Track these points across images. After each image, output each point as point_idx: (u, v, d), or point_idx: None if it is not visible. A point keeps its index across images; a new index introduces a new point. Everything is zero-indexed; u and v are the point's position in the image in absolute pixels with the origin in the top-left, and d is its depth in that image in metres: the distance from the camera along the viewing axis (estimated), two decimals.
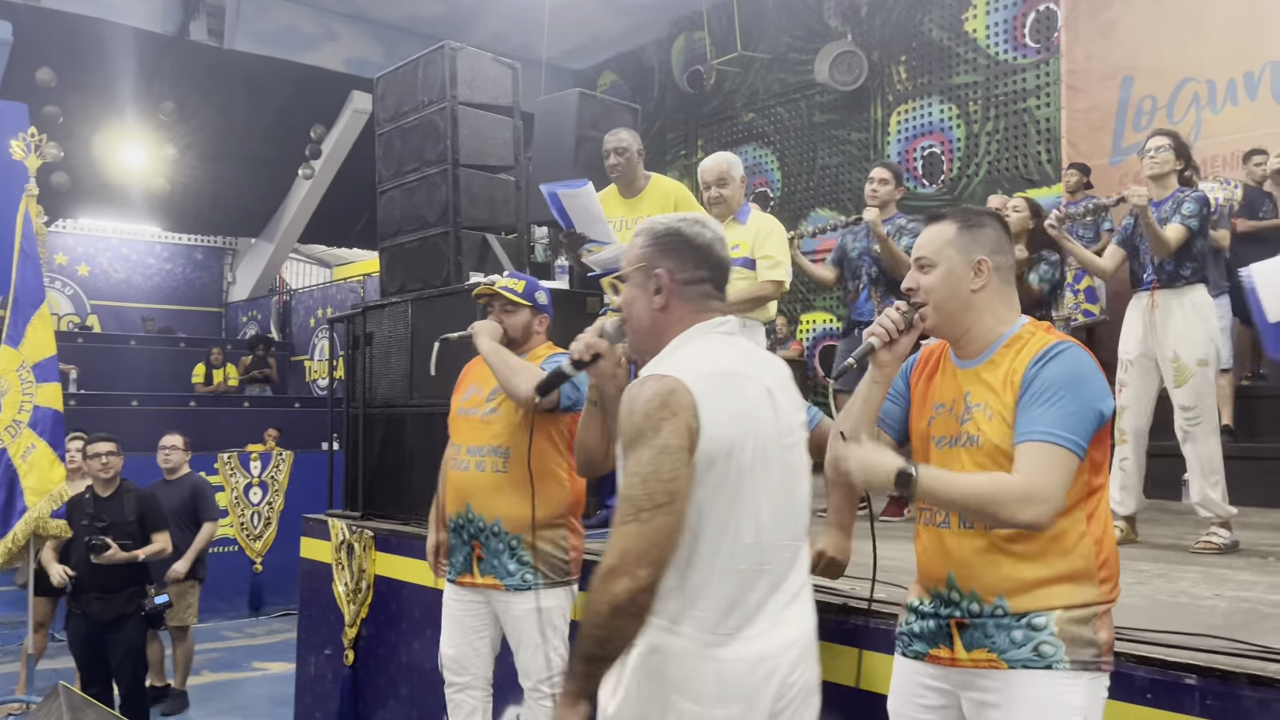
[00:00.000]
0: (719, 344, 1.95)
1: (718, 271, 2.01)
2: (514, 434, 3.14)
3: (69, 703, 3.39)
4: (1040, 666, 1.88)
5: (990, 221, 2.08)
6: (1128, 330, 4.27)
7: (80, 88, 11.28)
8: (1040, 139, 8.45)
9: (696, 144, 11.37)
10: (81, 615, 5.26)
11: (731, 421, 1.83)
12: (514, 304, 3.26)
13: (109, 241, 16.34)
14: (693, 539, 1.82)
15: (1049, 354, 1.92)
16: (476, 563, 3.18)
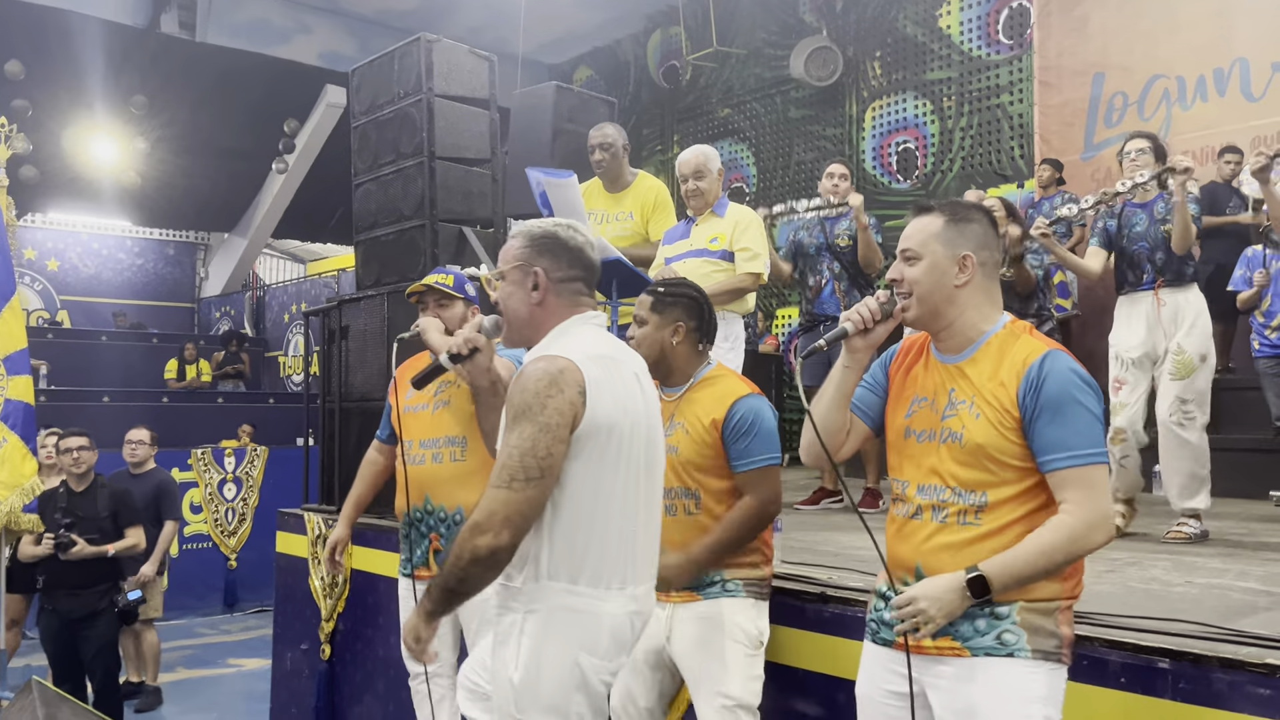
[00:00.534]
0: (594, 333, 2.15)
1: (588, 272, 2.21)
2: (469, 422, 3.12)
3: (43, 698, 3.36)
4: (1003, 654, 1.91)
5: (978, 216, 2.09)
6: (1128, 330, 4.26)
7: (49, 80, 11.14)
8: (1013, 134, 8.52)
9: (673, 139, 11.39)
10: (53, 611, 5.22)
11: (613, 400, 2.04)
12: (448, 298, 3.28)
13: (79, 236, 16.14)
14: (581, 506, 2.02)
15: (1040, 367, 1.93)
16: (434, 555, 3.17)
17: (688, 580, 2.62)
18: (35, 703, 3.29)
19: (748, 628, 2.64)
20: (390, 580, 4.46)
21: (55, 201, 14.39)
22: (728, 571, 2.66)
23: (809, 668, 2.86)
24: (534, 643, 2.02)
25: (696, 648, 2.63)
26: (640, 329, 2.75)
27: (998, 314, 2.07)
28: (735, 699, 2.57)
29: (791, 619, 2.91)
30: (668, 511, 2.67)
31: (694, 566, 2.60)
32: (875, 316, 2.11)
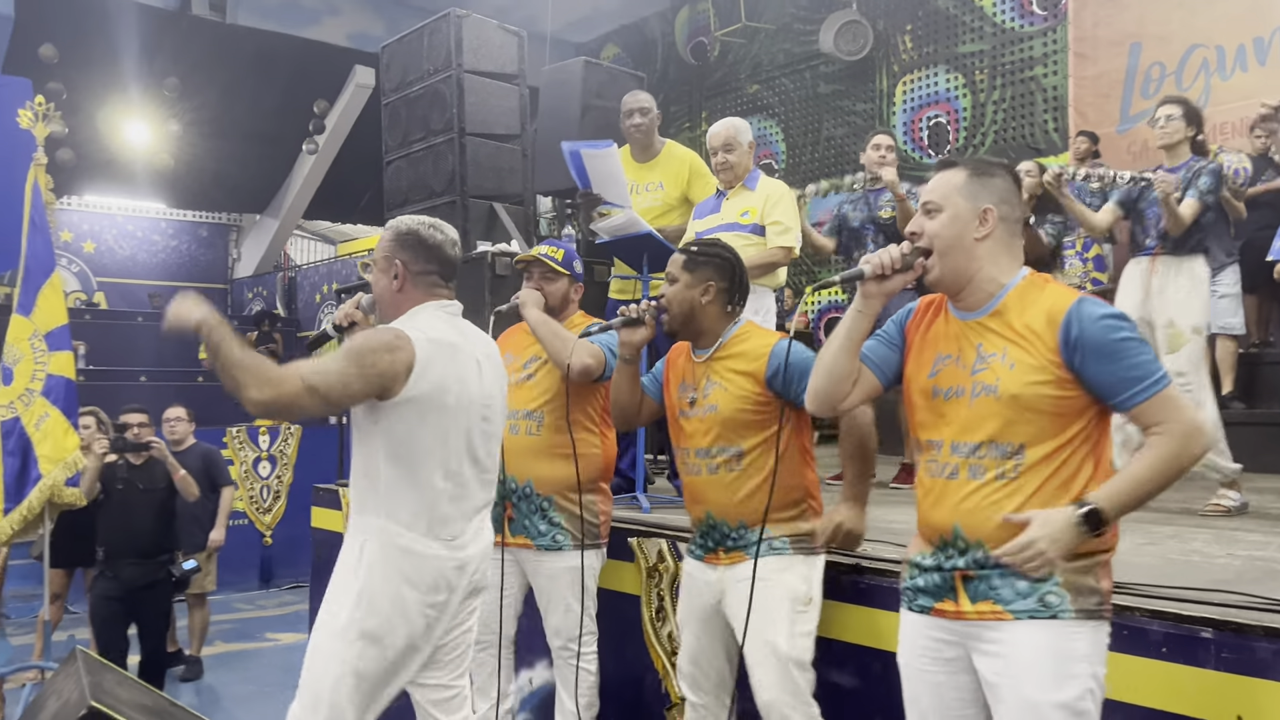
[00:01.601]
0: (443, 321, 2.49)
1: (445, 266, 2.55)
2: (550, 399, 3.21)
3: (87, 666, 3.42)
4: (1046, 616, 1.89)
5: (1001, 171, 2.07)
6: (1125, 294, 4.25)
7: (84, 64, 11.23)
8: (1047, 107, 8.41)
9: (701, 116, 11.33)
10: (114, 579, 5.34)
11: (440, 377, 2.38)
12: (554, 272, 3.30)
13: (114, 219, 16.30)
14: (408, 463, 2.38)
15: (1075, 315, 1.91)
16: (507, 523, 3.22)
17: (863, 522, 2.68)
18: (80, 671, 3.35)
19: (796, 585, 2.64)
20: None
21: (91, 184, 14.54)
22: (773, 528, 2.64)
23: (845, 639, 2.85)
24: (368, 571, 2.37)
25: (744, 606, 2.60)
26: (671, 287, 2.75)
27: (1017, 268, 2.05)
28: (785, 654, 2.58)
29: (827, 591, 2.90)
30: (709, 471, 2.71)
31: (862, 506, 2.69)
32: (895, 265, 2.07)
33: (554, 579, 3.17)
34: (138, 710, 3.29)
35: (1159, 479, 1.87)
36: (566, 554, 3.17)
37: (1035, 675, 1.88)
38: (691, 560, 2.84)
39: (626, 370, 2.85)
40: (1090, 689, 1.87)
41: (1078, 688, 1.86)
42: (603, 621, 3.46)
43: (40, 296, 5.01)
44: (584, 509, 3.20)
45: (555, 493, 3.19)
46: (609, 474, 3.36)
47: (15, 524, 4.94)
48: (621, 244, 4.12)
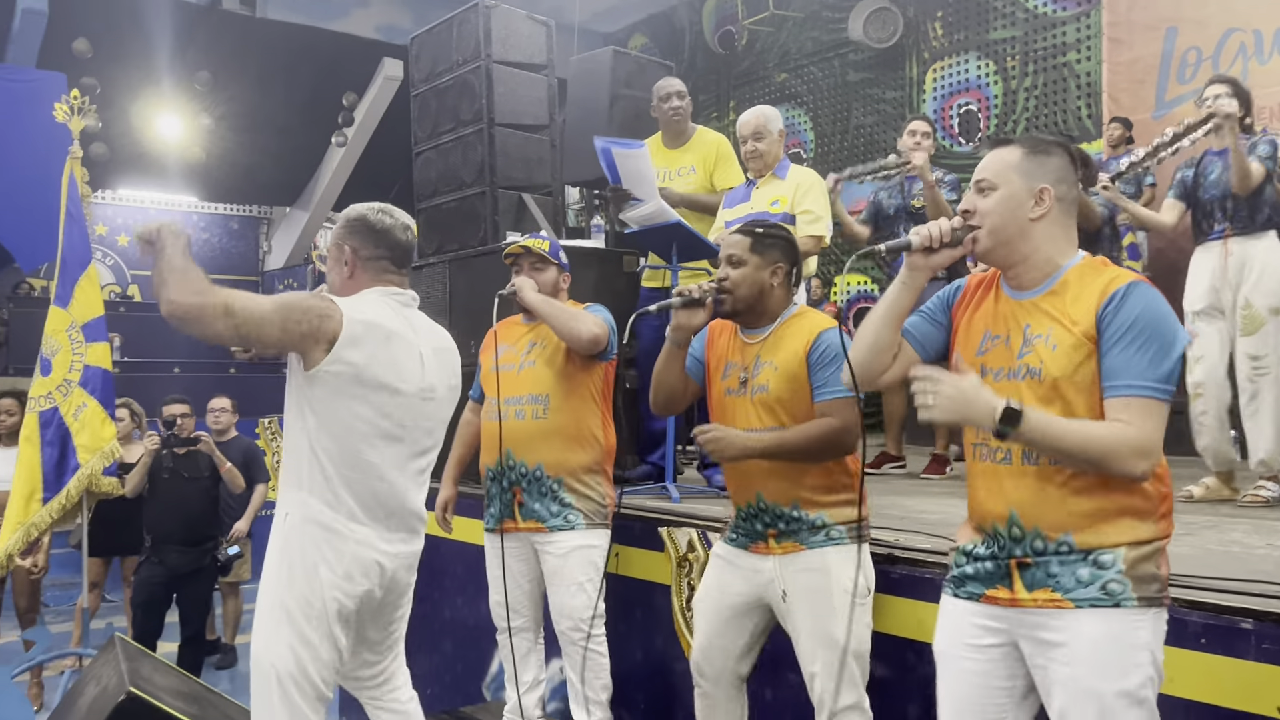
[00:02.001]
0: (387, 307, 2.48)
1: (395, 251, 2.55)
2: (553, 382, 3.24)
3: (125, 652, 3.47)
4: (1109, 605, 1.86)
5: (1058, 150, 2.03)
6: (1195, 281, 4.16)
7: (116, 58, 11.34)
8: (1080, 94, 8.29)
9: (729, 105, 11.27)
10: (160, 564, 5.45)
11: (366, 359, 2.36)
12: (543, 261, 3.35)
13: (147, 212, 16.45)
14: (332, 442, 2.36)
15: (1124, 292, 1.87)
16: (518, 508, 3.24)
17: (733, 451, 2.61)
18: (119, 657, 3.40)
19: (858, 577, 2.61)
20: (454, 543, 4.53)
21: (124, 178, 14.68)
22: (828, 514, 2.64)
23: (878, 629, 2.83)
24: (285, 543, 2.39)
25: (806, 599, 2.61)
26: (738, 270, 2.73)
27: (1074, 250, 2.01)
28: (846, 648, 2.55)
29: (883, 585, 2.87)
30: None
31: (745, 445, 2.60)
32: (944, 238, 2.05)
33: (565, 558, 3.19)
34: (175, 696, 3.34)
35: (1085, 450, 1.82)
36: (579, 533, 3.20)
37: (1098, 664, 1.85)
38: (729, 547, 2.78)
39: (677, 354, 2.80)
40: (1151, 676, 1.86)
41: (1140, 676, 1.84)
42: (633, 611, 3.47)
43: (77, 288, 5.09)
44: (593, 489, 3.24)
45: (565, 474, 3.22)
46: (611, 460, 3.39)
47: (54, 512, 5.03)
48: (650, 234, 4.12)
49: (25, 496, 5.03)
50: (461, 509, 4.49)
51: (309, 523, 2.38)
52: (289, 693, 2.37)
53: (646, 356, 4.32)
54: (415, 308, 2.60)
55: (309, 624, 2.36)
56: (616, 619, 3.44)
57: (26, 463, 5.08)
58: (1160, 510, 1.91)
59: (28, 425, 5.11)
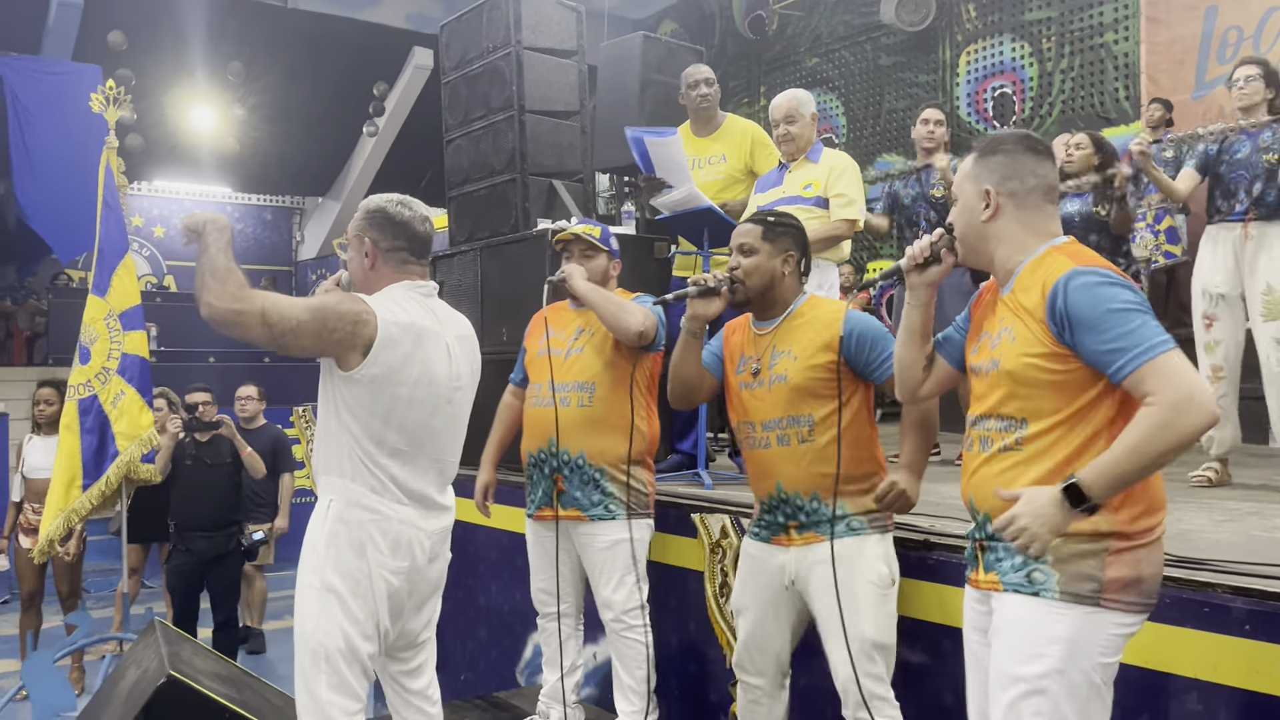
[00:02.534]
0: (414, 302, 2.51)
1: (414, 242, 2.56)
2: (600, 370, 3.21)
3: (165, 636, 3.52)
4: (1028, 592, 1.88)
5: (1007, 146, 2.03)
6: (1213, 263, 4.10)
7: (151, 50, 11.47)
8: (1118, 75, 8.17)
9: (759, 91, 11.21)
10: (187, 551, 5.54)
11: (401, 361, 2.41)
12: (594, 248, 3.31)
13: (182, 203, 16.66)
14: (368, 432, 2.41)
15: (1063, 285, 1.85)
16: (558, 496, 3.23)
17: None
18: (159, 641, 3.45)
19: (879, 566, 2.60)
20: (489, 530, 4.55)
21: (159, 169, 14.87)
22: (848, 503, 2.63)
23: (914, 615, 2.81)
24: (336, 526, 2.42)
25: (829, 590, 2.58)
26: (750, 258, 2.71)
27: (1038, 242, 1.99)
28: (870, 639, 2.55)
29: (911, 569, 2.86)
30: (779, 442, 2.67)
31: (918, 475, 2.64)
32: (924, 254, 2.13)
33: (608, 550, 3.18)
34: (214, 679, 3.38)
35: (1149, 453, 1.75)
36: (619, 523, 3.18)
37: (1008, 647, 1.89)
38: (754, 542, 2.78)
39: (693, 344, 2.79)
40: (1060, 670, 1.83)
41: (1043, 666, 1.83)
42: (667, 597, 3.47)
43: (114, 277, 5.15)
44: (636, 479, 3.22)
45: (608, 463, 3.19)
46: (654, 450, 3.36)
47: (94, 499, 5.11)
48: (682, 219, 4.10)
49: (65, 483, 5.11)
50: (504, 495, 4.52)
51: (354, 506, 2.44)
52: (339, 669, 2.40)
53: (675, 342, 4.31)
54: (436, 297, 2.63)
55: (357, 602, 2.41)
56: (649, 605, 3.44)
57: (66, 450, 5.16)
58: (1114, 503, 1.84)
59: (67, 413, 5.19)
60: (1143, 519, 1.87)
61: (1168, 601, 2.29)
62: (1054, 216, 2.03)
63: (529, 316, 3.60)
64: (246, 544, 5.72)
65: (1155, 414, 1.74)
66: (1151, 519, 1.89)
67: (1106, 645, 1.86)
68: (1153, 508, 1.89)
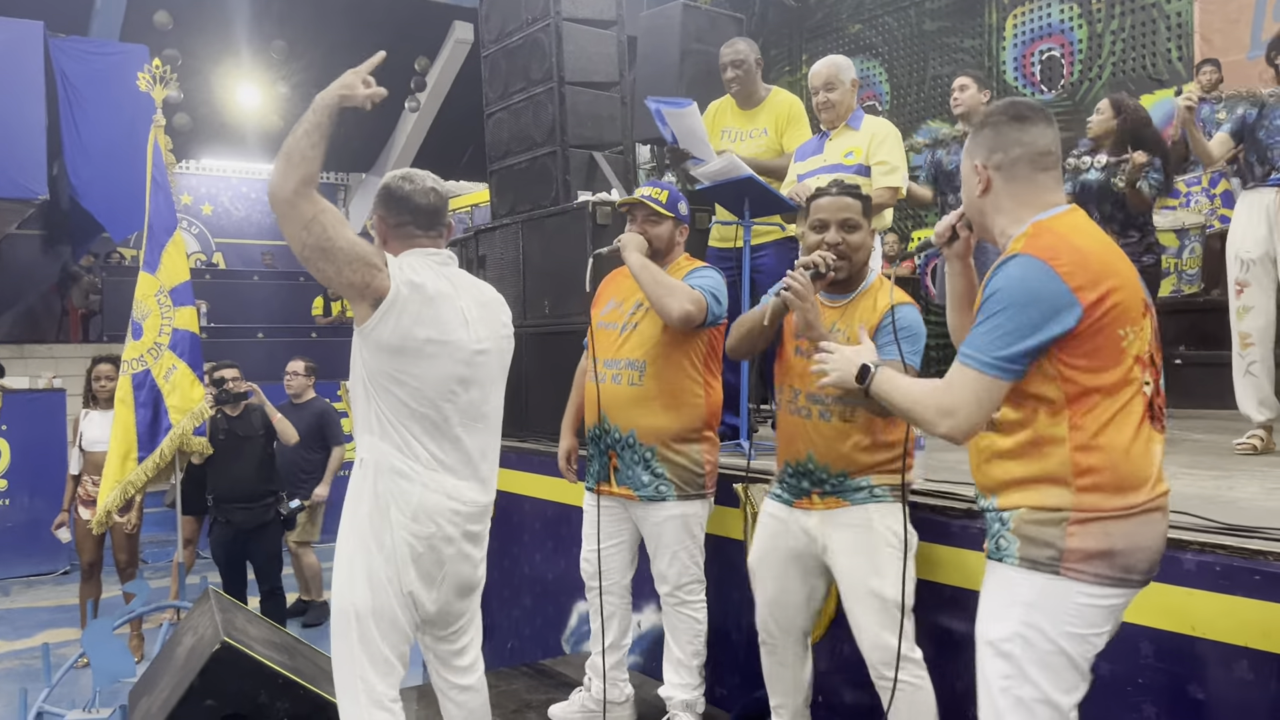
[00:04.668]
0: (429, 268, 2.54)
1: (418, 215, 2.59)
2: (652, 348, 3.17)
3: (219, 604, 3.60)
4: (996, 559, 1.95)
5: (995, 119, 2.02)
6: (1246, 228, 4.04)
7: (196, 29, 11.59)
8: (1170, 35, 7.94)
9: (801, 59, 11.07)
10: (226, 524, 5.64)
11: (409, 324, 2.42)
12: (658, 215, 3.24)
13: (229, 181, 16.90)
14: (393, 394, 2.44)
15: (1002, 264, 1.89)
16: (613, 473, 3.23)
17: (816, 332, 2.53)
18: (213, 608, 3.53)
19: (900, 531, 2.62)
20: (534, 500, 4.60)
21: (207, 148, 15.06)
22: (874, 477, 2.66)
23: (957, 584, 2.82)
24: (365, 486, 2.47)
25: (851, 553, 2.64)
26: (855, 234, 2.70)
27: (1031, 214, 1.96)
28: (891, 599, 2.58)
29: (937, 535, 2.87)
30: (821, 416, 2.69)
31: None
32: (945, 236, 2.18)
33: (660, 526, 3.18)
34: (267, 646, 3.46)
35: (904, 404, 1.98)
36: (670, 504, 3.16)
37: (980, 610, 1.98)
38: (776, 503, 2.82)
39: (775, 320, 2.72)
40: (1020, 634, 1.86)
41: (1005, 630, 1.88)
42: (709, 566, 3.48)
43: (164, 254, 5.25)
44: (687, 458, 3.19)
45: (658, 442, 3.16)
46: (715, 421, 3.30)
47: (149, 471, 5.23)
48: (722, 189, 4.08)
49: (122, 456, 5.24)
50: (536, 465, 4.56)
51: (382, 467, 2.46)
52: (368, 630, 2.44)
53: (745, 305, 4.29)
54: (454, 265, 2.65)
55: (385, 562, 2.44)
56: None
57: (122, 423, 5.28)
58: (1079, 483, 1.85)
59: (121, 388, 5.31)
60: (1115, 496, 1.85)
61: (1217, 569, 2.27)
62: (1048, 186, 1.99)
63: (571, 288, 3.58)
64: (285, 513, 5.80)
65: (926, 395, 1.95)
66: (1128, 495, 1.86)
67: (1076, 616, 1.85)
68: (1129, 484, 1.87)
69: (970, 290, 2.21)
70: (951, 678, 2.81)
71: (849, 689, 3.16)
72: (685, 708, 3.24)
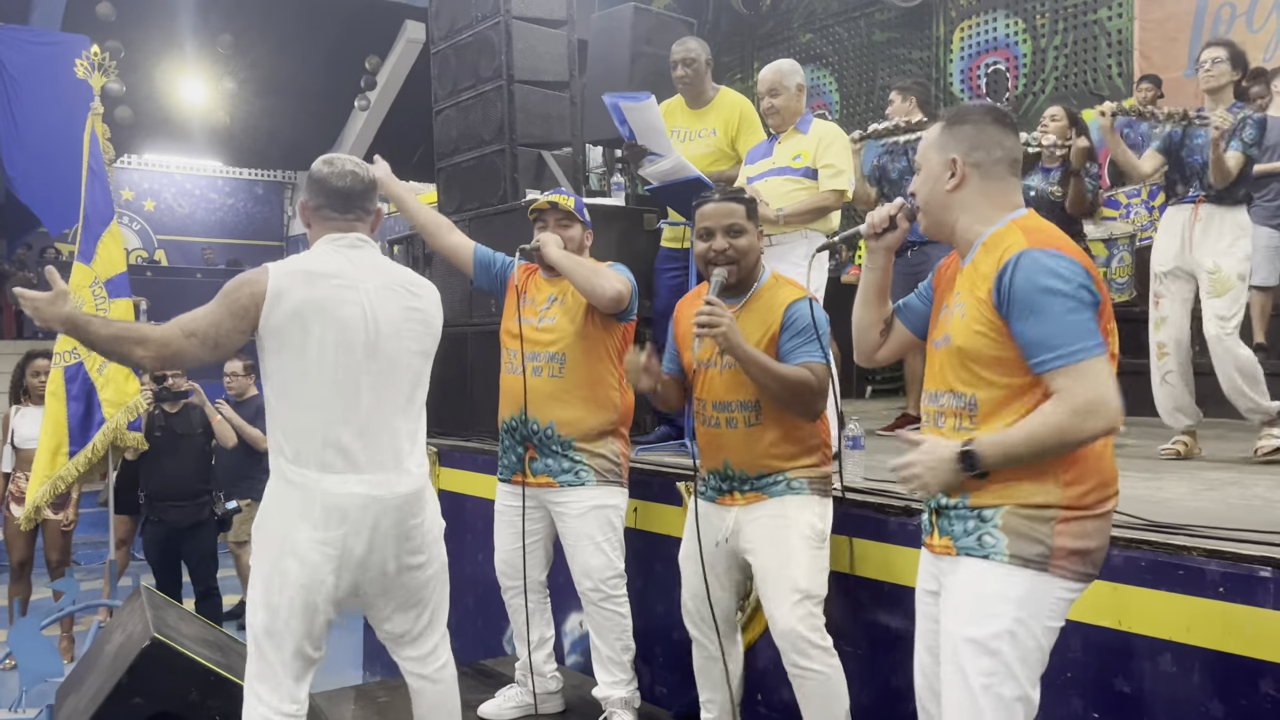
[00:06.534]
0: (326, 251, 2.52)
1: (333, 198, 2.55)
2: (570, 341, 3.20)
3: (150, 601, 3.53)
4: (979, 555, 1.90)
5: (975, 117, 2.04)
6: (1163, 243, 4.19)
7: (140, 21, 11.37)
8: (1111, 51, 8.13)
9: (753, 67, 11.15)
10: (160, 522, 5.52)
11: (296, 305, 2.37)
12: (569, 218, 3.30)
13: (173, 177, 16.60)
14: (285, 398, 2.41)
15: (1014, 263, 1.86)
16: (529, 463, 3.23)
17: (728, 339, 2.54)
18: (144, 606, 3.46)
19: (814, 523, 2.71)
20: (476, 499, 4.56)
21: (150, 143, 14.79)
22: (791, 471, 2.72)
23: (893, 580, 2.85)
24: (265, 508, 2.45)
25: (765, 545, 2.71)
26: (742, 238, 2.75)
27: (1000, 214, 1.99)
28: (804, 590, 2.64)
29: (875, 533, 2.91)
30: (728, 424, 2.75)
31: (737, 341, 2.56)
32: (883, 225, 2.17)
33: (581, 518, 3.18)
34: (199, 643, 3.39)
35: (1042, 445, 1.83)
36: (590, 489, 3.18)
37: (958, 608, 1.92)
38: (701, 501, 2.87)
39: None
40: (1010, 631, 1.85)
41: (993, 627, 1.86)
42: (652, 564, 3.48)
43: (100, 244, 5.13)
44: (605, 448, 3.23)
45: (576, 434, 3.19)
46: (628, 421, 3.36)
47: (80, 465, 5.11)
48: (670, 189, 4.09)
49: (52, 450, 5.12)
50: (479, 464, 4.53)
51: (282, 483, 2.42)
52: (262, 650, 2.42)
53: (662, 316, 4.30)
54: (368, 249, 2.56)
55: (278, 580, 2.40)
56: (634, 574, 3.46)
57: (53, 417, 5.16)
58: (1065, 478, 1.87)
59: (53, 380, 5.18)
60: (1093, 494, 1.89)
61: (1143, 565, 2.31)
62: (1016, 189, 2.05)
63: None
64: (220, 513, 5.70)
65: (1058, 414, 1.81)
66: (1102, 493, 1.91)
67: (1054, 611, 1.89)
68: (1104, 483, 1.91)
69: (886, 286, 2.24)
70: (886, 673, 2.84)
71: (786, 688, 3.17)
72: (623, 705, 3.24)
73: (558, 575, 3.46)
